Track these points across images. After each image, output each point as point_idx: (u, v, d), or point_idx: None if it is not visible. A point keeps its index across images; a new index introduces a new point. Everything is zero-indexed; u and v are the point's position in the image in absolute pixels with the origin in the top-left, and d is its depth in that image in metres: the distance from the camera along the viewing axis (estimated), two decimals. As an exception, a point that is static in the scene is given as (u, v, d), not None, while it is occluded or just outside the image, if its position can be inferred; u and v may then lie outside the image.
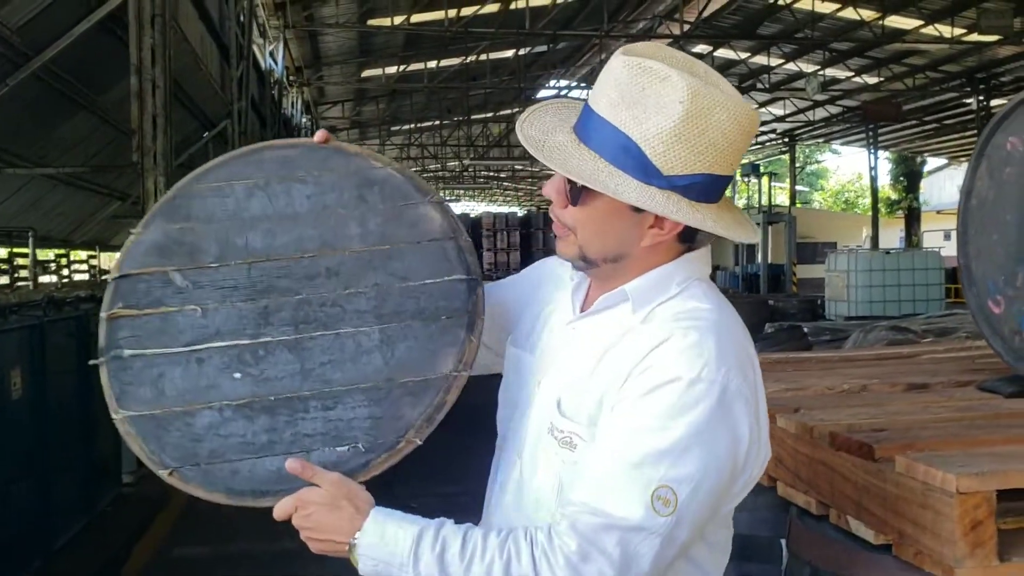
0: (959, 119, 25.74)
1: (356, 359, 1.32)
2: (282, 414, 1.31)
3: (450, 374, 1.31)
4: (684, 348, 1.18)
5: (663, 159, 1.19)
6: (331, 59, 21.40)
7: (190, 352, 1.34)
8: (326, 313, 1.35)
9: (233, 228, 1.39)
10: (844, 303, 16.74)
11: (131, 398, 1.32)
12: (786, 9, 18.01)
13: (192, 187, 1.43)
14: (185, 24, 8.62)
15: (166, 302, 1.36)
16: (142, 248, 1.40)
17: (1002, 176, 2.46)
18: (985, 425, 2.07)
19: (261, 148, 1.46)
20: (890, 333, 8.31)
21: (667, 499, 1.14)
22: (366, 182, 1.41)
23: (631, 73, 1.19)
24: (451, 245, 1.39)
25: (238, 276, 1.37)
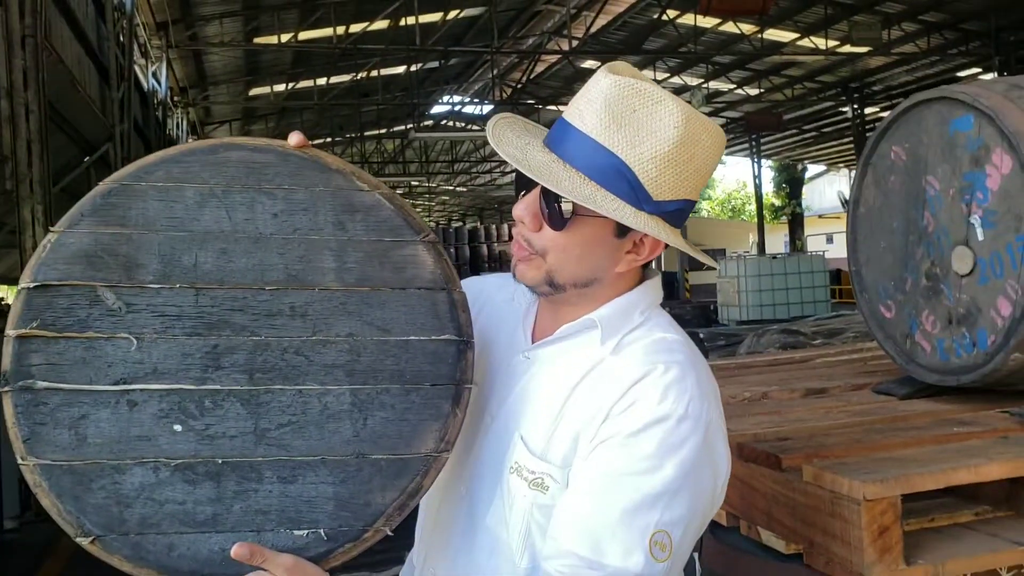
0: (836, 127, 26.97)
1: (322, 425, 1.12)
2: (230, 482, 1.11)
3: (429, 455, 1.14)
4: (668, 384, 1.15)
5: (654, 184, 1.15)
6: (217, 78, 20.87)
7: (121, 392, 1.10)
8: (288, 363, 1.13)
9: (180, 242, 1.13)
10: (736, 308, 17.24)
11: (44, 442, 1.08)
12: (670, 24, 18.50)
13: (132, 184, 1.14)
14: (60, 45, 8.24)
15: (93, 325, 1.10)
16: (65, 253, 1.12)
17: (887, 184, 2.54)
18: (884, 429, 2.12)
19: (222, 146, 1.18)
20: (782, 336, 8.60)
21: (663, 544, 1.11)
22: (347, 206, 1.17)
23: (622, 93, 1.15)
24: (443, 297, 1.18)
25: (183, 302, 1.12)
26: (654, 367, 1.16)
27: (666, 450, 1.12)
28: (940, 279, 2.38)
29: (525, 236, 1.22)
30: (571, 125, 1.18)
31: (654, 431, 1.12)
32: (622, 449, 1.13)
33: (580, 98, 1.19)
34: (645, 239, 1.21)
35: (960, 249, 2.29)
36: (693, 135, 1.15)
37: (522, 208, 1.21)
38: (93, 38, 10.36)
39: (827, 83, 23.15)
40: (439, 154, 35.25)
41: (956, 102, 2.29)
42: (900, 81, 22.26)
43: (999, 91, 2.22)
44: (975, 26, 18.20)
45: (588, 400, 1.19)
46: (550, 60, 22.26)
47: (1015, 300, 2.15)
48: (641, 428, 1.13)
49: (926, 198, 2.40)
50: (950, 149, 2.32)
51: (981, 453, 1.81)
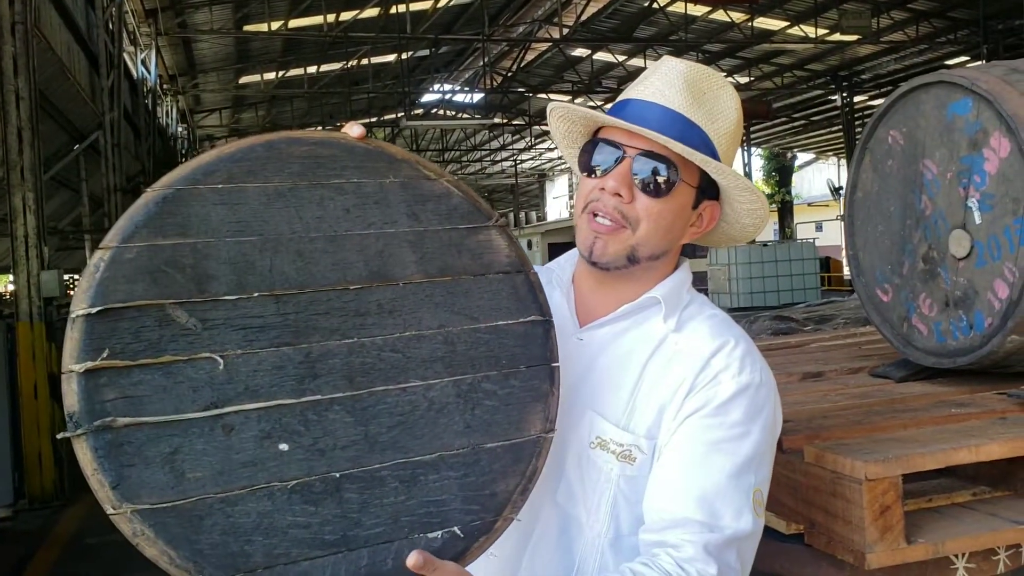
0: (825, 115, 27.00)
1: (433, 420, 1.08)
2: (352, 494, 1.04)
3: (540, 435, 1.12)
4: (743, 356, 1.26)
5: (725, 157, 1.30)
6: (207, 66, 20.76)
7: (214, 417, 1.00)
8: (386, 361, 1.07)
9: (251, 247, 1.04)
10: (727, 295, 17.29)
11: (137, 485, 0.96)
12: (660, 12, 18.48)
13: (190, 187, 1.04)
14: (50, 33, 8.18)
15: (168, 348, 0.99)
16: (122, 271, 0.99)
17: (885, 169, 2.55)
18: (883, 411, 2.14)
19: (281, 140, 1.10)
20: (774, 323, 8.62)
21: (760, 501, 1.22)
22: (418, 196, 1.13)
23: (698, 76, 1.29)
24: (521, 280, 1.16)
25: (265, 312, 1.04)
26: (726, 341, 1.27)
27: (752, 415, 1.23)
28: (937, 262, 2.39)
29: (620, 209, 1.26)
30: (657, 104, 1.27)
31: (740, 400, 1.23)
32: (714, 419, 1.22)
33: (657, 80, 1.29)
34: (704, 212, 1.33)
35: (957, 232, 2.31)
36: (742, 118, 1.33)
37: (616, 179, 1.26)
38: (82, 25, 10.30)
39: (816, 71, 23.18)
40: (430, 142, 35.17)
41: (954, 86, 2.30)
42: (889, 69, 22.30)
43: (997, 75, 2.23)
44: (963, 14, 18.25)
45: (665, 374, 1.27)
46: (540, 48, 22.21)
47: (1012, 282, 2.16)
48: (729, 398, 1.23)
49: (923, 182, 2.41)
50: (948, 133, 2.33)
51: (980, 433, 1.83)
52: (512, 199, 42.49)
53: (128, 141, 13.31)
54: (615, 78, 24.12)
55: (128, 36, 14.40)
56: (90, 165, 11.58)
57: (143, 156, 15.05)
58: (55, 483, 6.79)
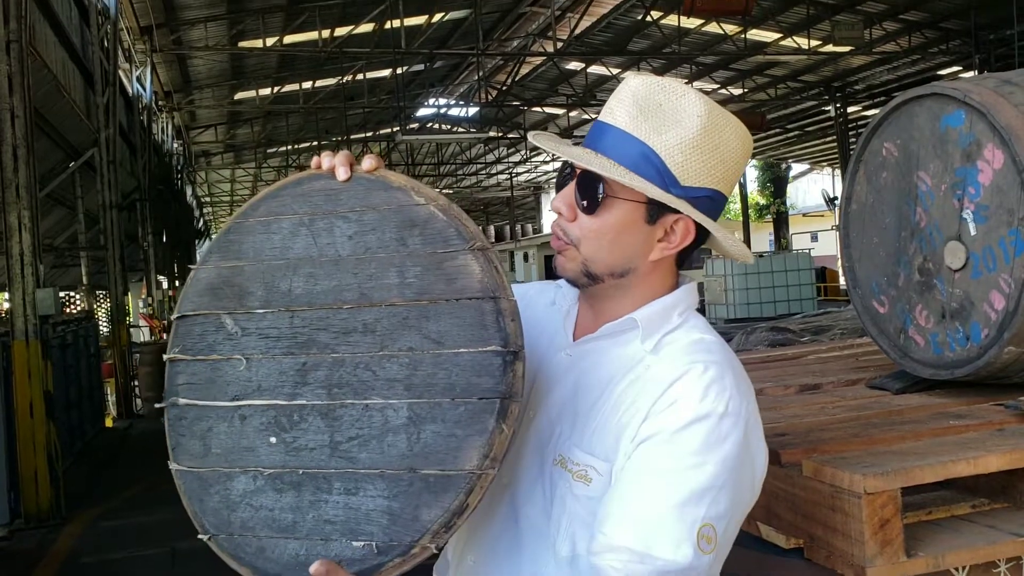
0: (819, 126, 27.11)
1: (382, 438, 1.15)
2: (307, 492, 1.18)
3: (473, 472, 1.12)
4: (709, 383, 1.18)
5: (681, 169, 1.22)
6: (202, 82, 20.79)
7: (235, 407, 1.22)
8: (358, 378, 1.18)
9: (278, 269, 1.24)
10: (723, 306, 17.31)
11: (183, 451, 1.25)
12: (654, 25, 18.54)
13: (242, 221, 1.27)
14: (45, 50, 8.20)
15: (217, 349, 1.25)
16: (198, 287, 1.28)
17: (879, 181, 2.56)
18: (880, 423, 2.14)
19: (307, 177, 1.26)
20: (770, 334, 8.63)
21: (710, 537, 1.14)
22: (407, 222, 1.20)
23: (649, 89, 1.24)
24: (489, 307, 1.15)
25: (281, 325, 1.22)
26: (693, 366, 1.20)
27: (709, 447, 1.15)
28: (933, 274, 2.39)
29: (562, 227, 1.28)
30: (604, 123, 1.26)
31: (697, 428, 1.16)
32: (667, 446, 1.16)
33: (612, 99, 1.27)
34: (676, 226, 1.26)
35: (953, 244, 2.31)
36: (716, 124, 1.23)
37: (559, 199, 1.28)
38: (77, 43, 10.31)
39: (810, 82, 23.27)
40: (425, 156, 35.22)
41: (947, 98, 2.31)
42: (882, 80, 22.39)
43: (990, 87, 2.24)
44: (955, 25, 18.34)
45: (629, 397, 1.23)
46: (535, 62, 22.28)
47: (1008, 294, 2.17)
48: (684, 425, 1.16)
49: (918, 194, 2.42)
50: (941, 145, 2.34)
51: (979, 445, 1.83)
52: (508, 212, 42.51)
53: (124, 158, 13.32)
54: (609, 91, 24.08)
55: (123, 53, 14.43)
56: (86, 182, 11.58)
57: (139, 173, 15.05)
58: (51, 502, 6.75)
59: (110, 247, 11.33)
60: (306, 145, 30.38)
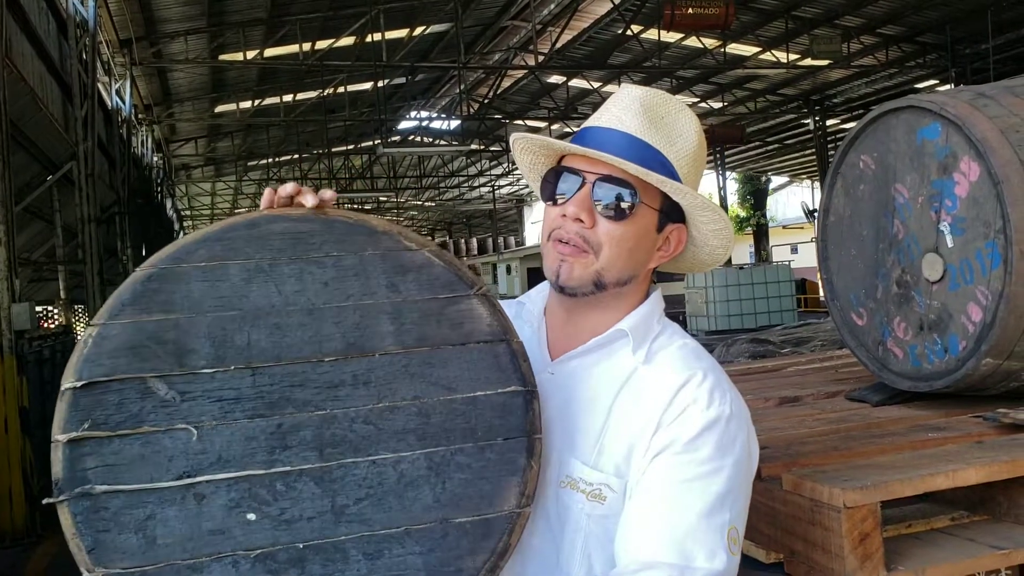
0: (798, 139, 27.30)
1: (401, 493, 1.09)
2: (315, 566, 1.06)
3: (513, 511, 1.10)
4: (711, 389, 1.22)
5: (686, 179, 1.29)
6: (182, 95, 20.70)
7: (186, 486, 1.04)
8: (357, 433, 1.09)
9: (230, 322, 1.09)
10: (704, 318, 17.35)
11: (110, 549, 1.02)
12: (634, 39, 18.64)
13: (173, 266, 1.10)
14: (22, 63, 8.13)
15: (148, 420, 1.05)
16: (108, 347, 1.06)
17: (857, 193, 2.56)
18: (860, 436, 2.14)
19: (263, 219, 1.14)
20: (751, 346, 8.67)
21: (735, 538, 1.18)
22: (398, 267, 1.15)
23: (653, 101, 1.29)
24: (503, 349, 1.15)
25: (241, 384, 1.08)
26: (693, 373, 1.24)
27: (723, 450, 1.19)
28: (911, 286, 2.40)
29: (581, 233, 1.26)
30: (614, 130, 1.27)
31: (710, 435, 1.19)
32: (684, 455, 1.19)
33: (613, 107, 1.30)
34: (672, 235, 1.31)
35: (930, 256, 2.32)
36: (703, 141, 1.32)
37: (577, 204, 1.26)
38: (55, 55, 10.24)
39: (789, 96, 23.45)
40: (407, 169, 35.20)
41: (923, 111, 2.32)
42: (860, 93, 22.59)
43: (965, 99, 2.25)
44: (932, 39, 18.55)
45: (633, 410, 1.24)
46: (516, 75, 22.34)
47: (986, 306, 2.17)
48: (697, 434, 1.19)
49: (895, 206, 2.42)
50: (918, 157, 2.35)
51: (958, 458, 1.82)
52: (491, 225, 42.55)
53: (102, 171, 13.22)
54: (590, 104, 24.28)
55: (102, 66, 14.34)
56: (64, 196, 11.47)
57: (118, 186, 14.94)
58: (26, 520, 6.65)
59: (88, 261, 11.23)
60: (287, 158, 30.30)
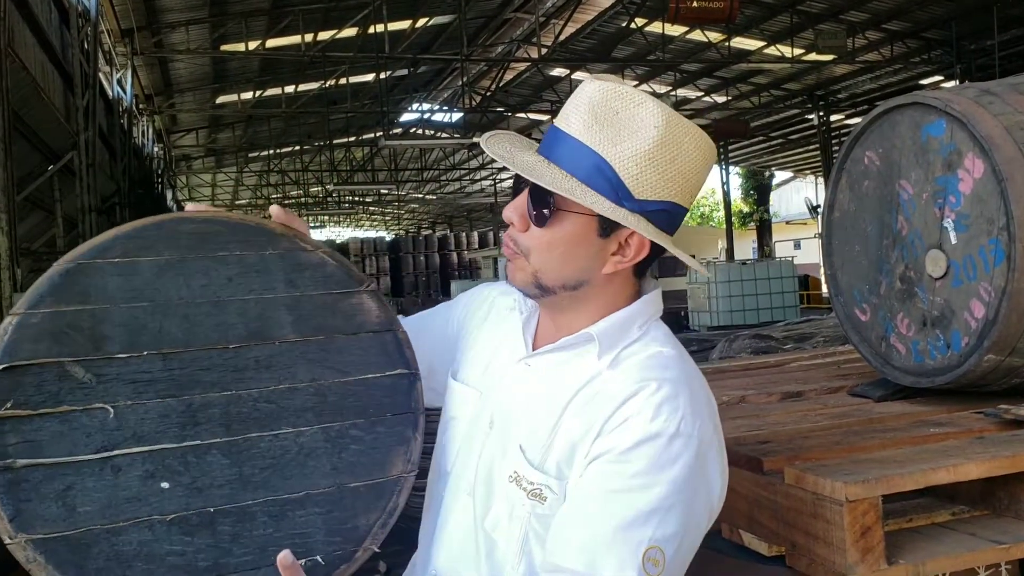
0: (802, 134, 27.26)
1: (301, 463, 1.21)
2: (225, 527, 1.17)
3: (400, 476, 1.25)
4: (661, 402, 1.16)
5: (635, 182, 1.18)
6: (183, 86, 20.69)
7: (104, 459, 1.13)
8: (261, 411, 1.21)
9: (143, 312, 1.19)
10: (707, 314, 17.36)
11: (32, 518, 1.09)
12: (638, 32, 18.62)
13: (89, 261, 1.19)
14: (24, 53, 8.13)
15: (66, 400, 1.13)
16: (28, 333, 1.14)
17: (861, 189, 2.57)
18: (862, 431, 2.14)
19: (173, 219, 1.25)
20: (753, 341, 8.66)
21: (656, 560, 1.12)
22: (296, 266, 1.28)
23: (605, 96, 1.19)
24: (390, 337, 1.30)
25: (153, 368, 1.18)
26: (647, 384, 1.18)
27: (658, 468, 1.13)
28: (914, 282, 2.41)
29: (512, 236, 1.25)
30: (558, 129, 1.22)
31: (645, 449, 1.14)
32: (615, 466, 1.14)
33: (568, 104, 1.23)
34: (631, 240, 1.23)
35: (934, 252, 2.32)
36: (675, 136, 1.18)
37: (511, 209, 1.25)
38: (57, 45, 10.24)
39: (793, 91, 23.42)
40: (408, 162, 35.19)
41: (928, 107, 2.32)
42: (864, 89, 22.57)
43: (970, 97, 2.25)
44: (936, 35, 18.52)
45: (583, 414, 1.21)
46: (519, 68, 22.32)
47: (988, 302, 2.18)
48: (633, 445, 1.14)
49: (899, 202, 2.43)
50: (923, 154, 2.35)
51: (959, 453, 1.83)
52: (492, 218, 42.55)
53: (103, 161, 13.22)
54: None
55: (104, 56, 14.34)
56: (64, 186, 11.48)
57: (118, 176, 14.94)
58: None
59: (90, 251, 11.20)
60: (288, 149, 30.32)
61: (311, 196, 37.00)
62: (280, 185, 35.34)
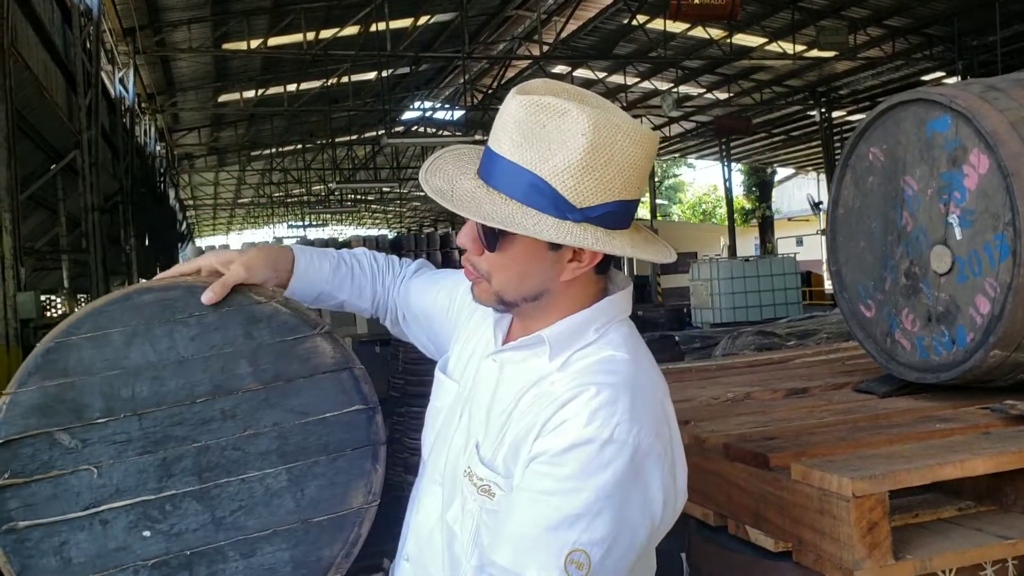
0: (804, 130, 27.22)
1: (267, 503, 1.32)
2: (201, 567, 1.29)
3: (361, 507, 1.34)
4: (597, 408, 1.16)
5: (574, 192, 1.17)
6: (185, 84, 20.68)
7: (92, 515, 1.28)
8: (228, 458, 1.32)
9: (117, 379, 1.32)
10: (709, 310, 17.33)
11: (36, 571, 1.25)
12: (639, 29, 18.59)
13: (66, 339, 1.33)
14: (27, 52, 8.13)
15: (56, 465, 1.28)
16: (19, 410, 1.29)
17: (866, 185, 2.57)
18: (867, 427, 2.15)
19: (136, 291, 1.37)
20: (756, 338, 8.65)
21: (580, 563, 1.13)
22: (251, 318, 1.38)
23: (529, 112, 1.18)
24: (346, 375, 1.38)
25: (130, 429, 1.31)
26: (587, 388, 1.18)
27: (588, 473, 1.14)
28: (919, 278, 2.40)
29: (471, 261, 1.28)
30: (491, 150, 1.22)
31: (576, 453, 1.15)
32: (548, 467, 1.17)
33: (496, 123, 1.23)
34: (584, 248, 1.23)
35: (939, 248, 2.32)
36: (605, 139, 1.17)
37: (463, 235, 1.27)
38: (59, 44, 10.25)
39: (795, 87, 23.38)
40: (410, 160, 35.14)
41: (933, 103, 2.32)
42: (866, 85, 22.53)
43: (975, 92, 2.25)
44: (938, 31, 18.47)
45: (528, 413, 1.23)
46: (521, 65, 22.29)
47: (994, 298, 2.18)
48: (565, 449, 1.15)
49: (904, 198, 2.43)
50: (927, 150, 2.35)
51: (965, 449, 1.83)
52: (493, 216, 42.39)
53: (106, 160, 13.23)
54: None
55: (106, 55, 14.34)
56: (67, 185, 11.49)
57: (121, 175, 14.95)
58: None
59: (92, 250, 11.25)
60: (290, 148, 30.30)
61: (313, 194, 36.97)
62: (283, 183, 35.32)
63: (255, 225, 52.87)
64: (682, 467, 1.25)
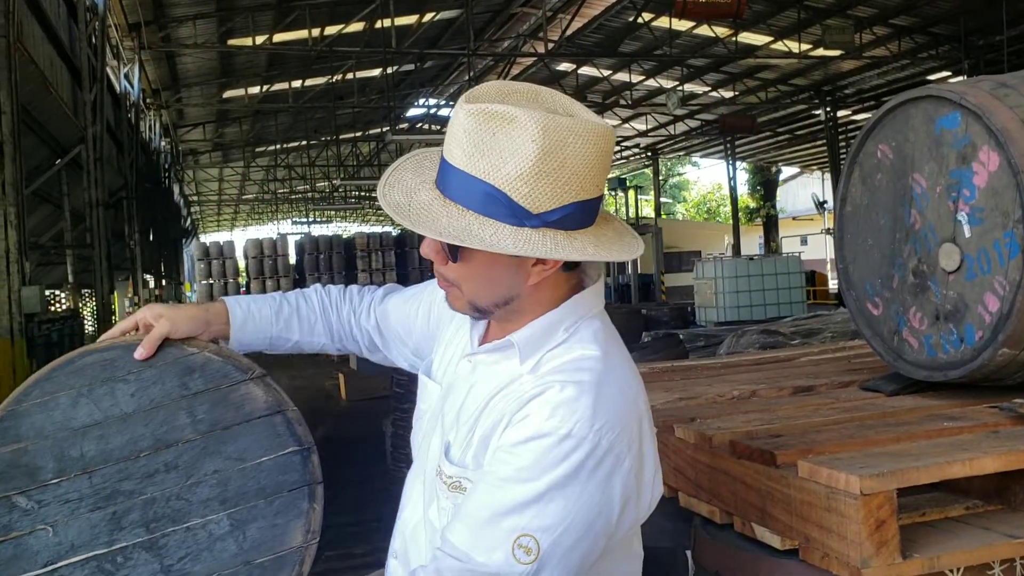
0: (809, 129, 27.18)
1: (211, 548, 1.37)
2: None
3: (301, 547, 1.38)
4: (559, 403, 1.19)
5: (530, 199, 1.17)
6: (190, 80, 20.70)
7: (51, 571, 1.34)
8: (173, 508, 1.38)
9: (66, 440, 1.38)
10: (713, 309, 17.32)
11: None
12: (645, 27, 18.57)
13: (16, 407, 1.39)
14: (32, 47, 8.14)
15: (15, 527, 1.35)
16: None
17: (874, 183, 2.55)
18: (875, 424, 2.13)
19: (79, 355, 1.43)
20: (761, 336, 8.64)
21: (528, 548, 1.16)
22: (186, 369, 1.43)
23: (477, 121, 1.17)
24: (279, 419, 1.42)
25: (81, 487, 1.37)
26: (551, 385, 1.21)
27: (542, 464, 1.17)
28: (927, 276, 2.39)
29: (440, 271, 1.30)
30: (445, 161, 1.22)
31: (533, 445, 1.18)
32: (507, 455, 1.20)
33: (448, 134, 1.22)
34: None
35: (947, 246, 2.31)
36: (556, 143, 1.16)
37: (426, 247, 1.28)
38: (65, 39, 10.25)
39: (800, 86, 23.35)
40: (414, 157, 35.09)
41: (942, 100, 2.31)
42: (872, 84, 22.50)
43: (985, 89, 2.23)
44: (944, 30, 18.44)
45: (497, 410, 1.27)
46: (526, 63, 22.27)
47: (1003, 296, 2.17)
48: (524, 440, 1.19)
49: (913, 196, 2.41)
50: (936, 147, 2.33)
51: (974, 447, 1.82)
52: (497, 213, 42.45)
53: (111, 156, 13.25)
54: (600, 92, 24.23)
55: (111, 50, 14.36)
56: (72, 180, 11.50)
57: (126, 171, 14.96)
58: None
59: (96, 245, 11.26)
60: (295, 144, 30.32)
61: (318, 191, 37.01)
62: (287, 180, 35.34)
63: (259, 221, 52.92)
64: (652, 464, 1.27)
